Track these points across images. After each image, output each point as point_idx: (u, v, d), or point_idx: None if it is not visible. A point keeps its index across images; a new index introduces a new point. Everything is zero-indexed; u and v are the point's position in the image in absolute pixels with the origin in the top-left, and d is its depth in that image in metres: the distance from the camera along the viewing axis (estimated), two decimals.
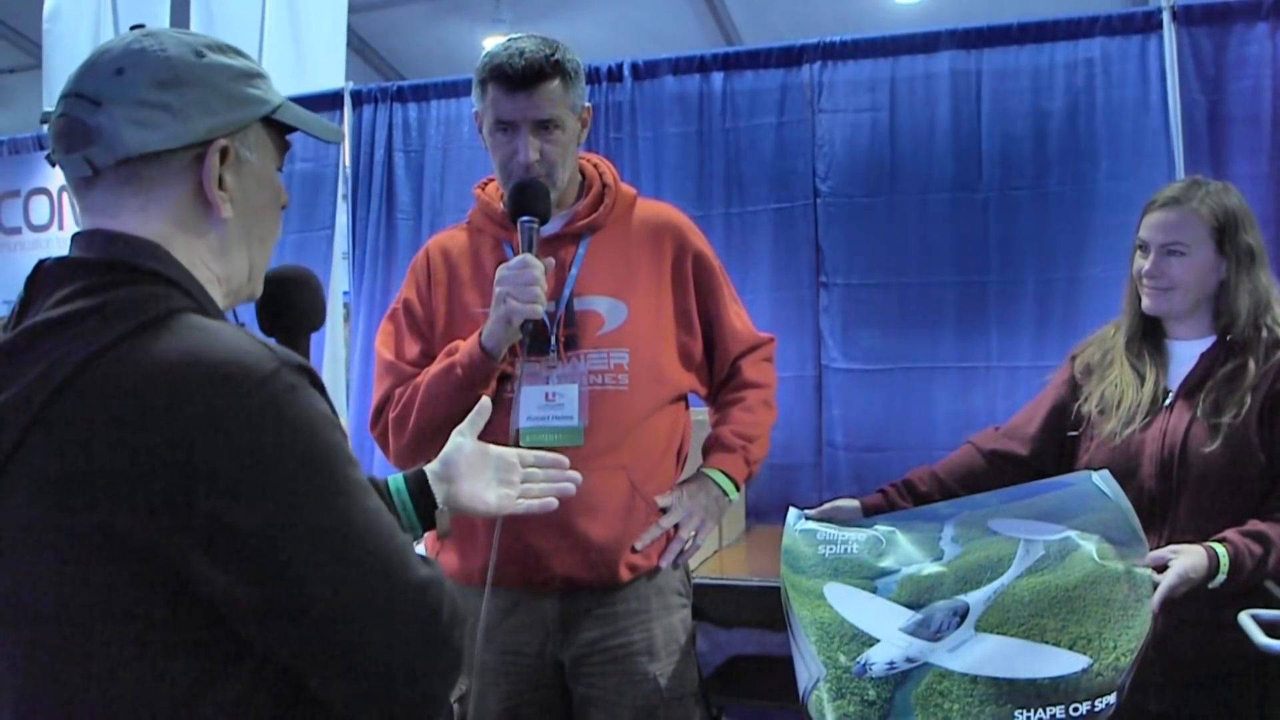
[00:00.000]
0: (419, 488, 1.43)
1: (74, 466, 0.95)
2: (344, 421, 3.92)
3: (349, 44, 4.97)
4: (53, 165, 1.11)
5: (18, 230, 4.67)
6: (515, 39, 1.94)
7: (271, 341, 1.04)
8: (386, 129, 3.75)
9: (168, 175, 1.08)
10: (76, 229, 1.10)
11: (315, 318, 1.29)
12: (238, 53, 1.15)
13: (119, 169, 1.06)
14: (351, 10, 4.75)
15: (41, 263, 1.07)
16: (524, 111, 1.90)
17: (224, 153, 1.10)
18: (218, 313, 1.10)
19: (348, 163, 3.80)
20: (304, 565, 0.97)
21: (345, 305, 3.92)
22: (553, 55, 1.89)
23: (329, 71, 4.42)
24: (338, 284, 3.86)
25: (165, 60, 1.07)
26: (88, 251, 1.06)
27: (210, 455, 0.94)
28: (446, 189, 3.65)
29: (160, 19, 4.70)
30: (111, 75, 1.06)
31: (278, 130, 1.18)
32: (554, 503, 1.56)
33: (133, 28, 1.12)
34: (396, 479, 1.43)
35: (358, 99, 3.80)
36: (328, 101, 3.81)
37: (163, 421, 0.94)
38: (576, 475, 1.60)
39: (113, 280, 1.02)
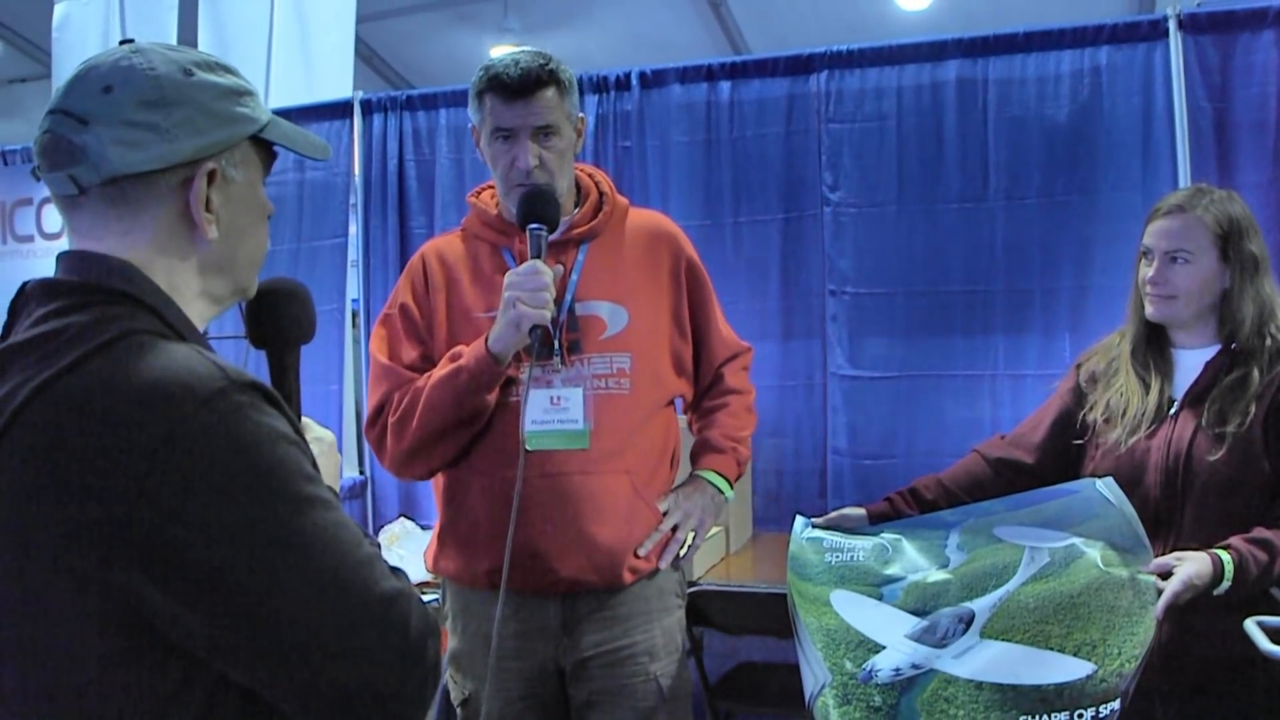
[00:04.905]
0: None
1: (26, 492, 0.94)
2: (351, 429, 3.94)
3: (357, 53, 4.99)
4: (37, 180, 1.10)
5: (30, 238, 4.69)
6: (509, 53, 1.99)
7: (222, 359, 1.01)
8: (397, 138, 3.76)
9: (153, 196, 1.07)
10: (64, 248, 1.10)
11: (305, 329, 1.27)
12: (228, 70, 1.14)
13: (105, 189, 1.05)
14: (360, 19, 4.76)
15: (25, 284, 1.07)
16: (523, 118, 1.94)
17: (210, 174, 1.08)
18: (191, 331, 1.08)
19: (358, 171, 3.81)
20: (256, 586, 0.94)
21: (354, 313, 3.93)
22: (548, 65, 1.95)
23: (337, 81, 4.43)
24: (351, 293, 3.87)
25: (153, 79, 1.06)
26: (67, 273, 1.06)
27: (151, 478, 0.92)
28: (458, 197, 3.65)
29: (168, 30, 4.72)
30: (99, 93, 1.05)
31: (264, 144, 1.16)
32: None
33: (122, 42, 1.11)
34: None
35: (367, 108, 3.80)
36: (338, 110, 3.81)
37: (104, 445, 0.92)
38: None
39: (80, 302, 1.02)
